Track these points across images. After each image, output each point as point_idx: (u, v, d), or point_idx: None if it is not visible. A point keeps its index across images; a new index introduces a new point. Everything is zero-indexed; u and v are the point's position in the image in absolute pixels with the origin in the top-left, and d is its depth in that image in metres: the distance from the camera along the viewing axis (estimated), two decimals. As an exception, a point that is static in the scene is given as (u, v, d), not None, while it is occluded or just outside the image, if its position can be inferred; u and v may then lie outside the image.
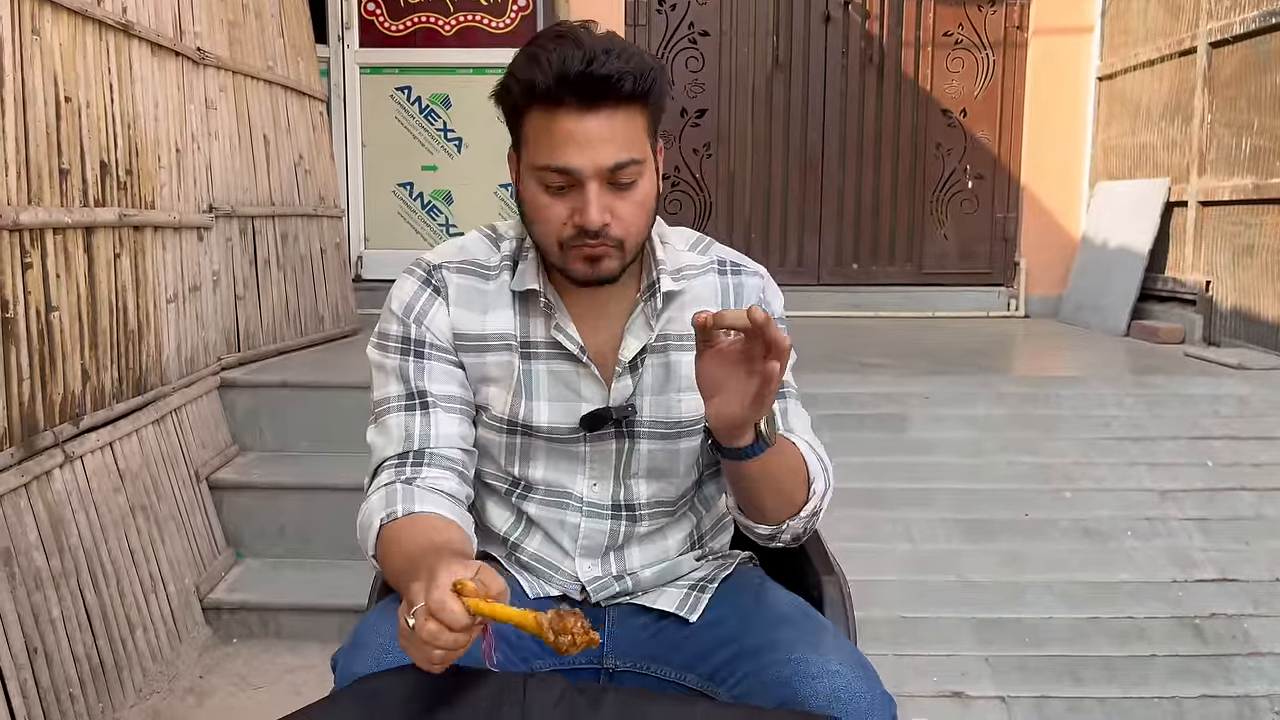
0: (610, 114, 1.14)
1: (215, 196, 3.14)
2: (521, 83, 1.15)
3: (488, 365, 1.28)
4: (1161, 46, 4.41)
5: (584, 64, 1.11)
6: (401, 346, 1.27)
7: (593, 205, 1.15)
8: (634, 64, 1.13)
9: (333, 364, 3.45)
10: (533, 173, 1.18)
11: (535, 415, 1.28)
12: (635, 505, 1.33)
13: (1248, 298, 3.80)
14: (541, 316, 1.28)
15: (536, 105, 1.15)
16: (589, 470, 1.31)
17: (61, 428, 2.23)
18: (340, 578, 2.72)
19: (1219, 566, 2.62)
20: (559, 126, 1.14)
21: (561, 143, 1.14)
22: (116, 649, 2.27)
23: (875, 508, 2.76)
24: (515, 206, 1.26)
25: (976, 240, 5.13)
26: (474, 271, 1.29)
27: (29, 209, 2.11)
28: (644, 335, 1.28)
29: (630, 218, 1.19)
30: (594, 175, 1.15)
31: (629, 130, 1.15)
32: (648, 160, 1.19)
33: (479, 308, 1.28)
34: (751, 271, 1.36)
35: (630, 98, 1.14)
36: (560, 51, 1.12)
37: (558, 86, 1.12)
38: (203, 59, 3.05)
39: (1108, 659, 2.39)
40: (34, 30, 2.15)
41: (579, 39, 1.12)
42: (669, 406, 1.29)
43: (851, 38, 5.00)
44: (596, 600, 1.32)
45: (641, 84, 1.14)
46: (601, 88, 1.12)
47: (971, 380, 3.31)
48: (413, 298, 1.28)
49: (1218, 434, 3.03)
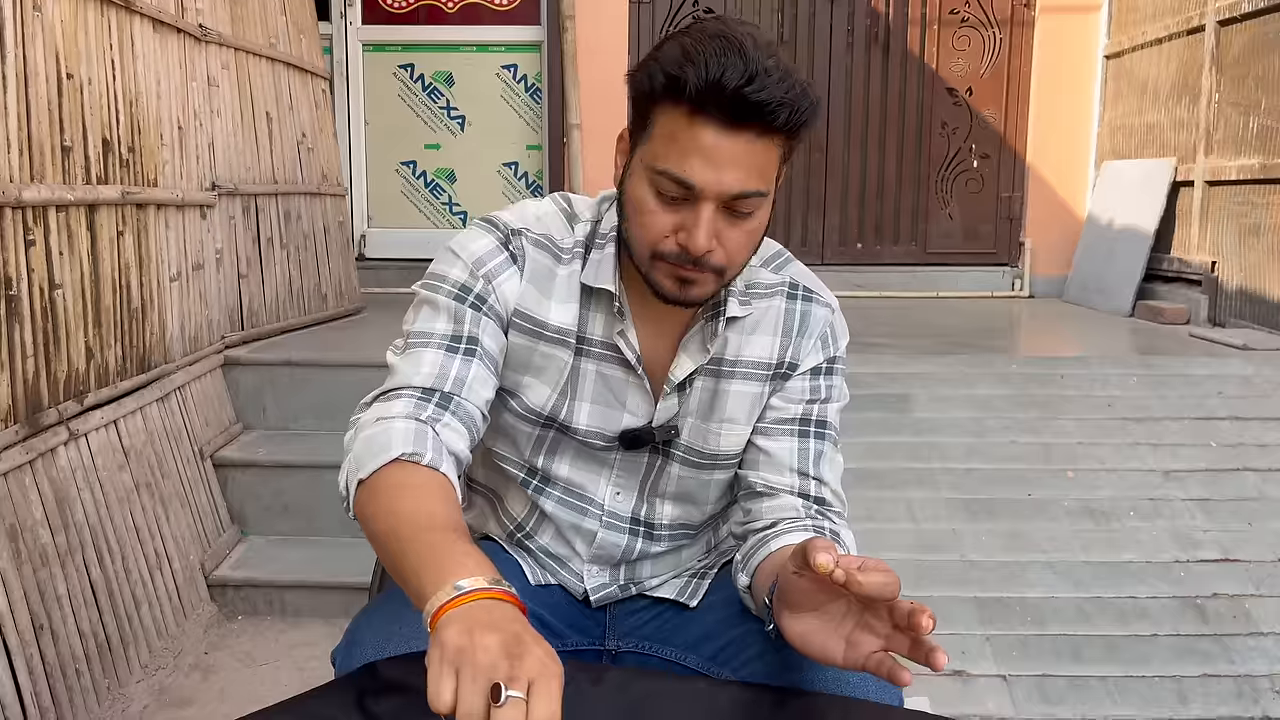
0: (751, 140, 1.03)
1: (218, 174, 3.13)
2: (668, 77, 1.03)
3: (536, 353, 1.20)
4: (1169, 25, 4.38)
5: (743, 81, 0.99)
6: (459, 293, 1.15)
7: (702, 229, 1.05)
8: (793, 94, 1.01)
9: (336, 342, 3.46)
10: (648, 171, 1.07)
11: (575, 416, 1.21)
12: (656, 524, 1.29)
13: (1253, 278, 3.79)
14: (604, 314, 1.19)
15: (675, 104, 1.04)
16: (615, 478, 1.26)
17: (66, 405, 2.23)
18: (344, 555, 2.73)
19: (1222, 547, 2.62)
20: (693, 137, 1.03)
21: (690, 154, 1.03)
22: (122, 625, 2.28)
23: (877, 487, 2.77)
24: (519, 186, 1.22)
25: (982, 220, 5.11)
26: (548, 248, 1.19)
27: (31, 186, 2.10)
28: (699, 356, 1.20)
29: (736, 248, 1.09)
30: (714, 198, 1.05)
31: (764, 160, 1.05)
32: (769, 194, 1.09)
33: (546, 291, 1.18)
34: (823, 302, 1.26)
35: (778, 129, 1.04)
36: (721, 60, 1.00)
37: (708, 95, 1.01)
38: (205, 35, 3.04)
39: (1109, 638, 2.40)
40: (35, 6, 2.14)
41: (744, 49, 1.00)
42: (706, 436, 1.23)
43: (856, 15, 4.97)
44: (597, 604, 1.31)
45: (796, 118, 1.03)
46: (753, 112, 1.01)
47: (975, 360, 3.30)
48: (487, 254, 1.17)
49: (1222, 414, 3.02)
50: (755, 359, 1.22)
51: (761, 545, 1.17)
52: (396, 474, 0.99)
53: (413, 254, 4.90)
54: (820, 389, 1.25)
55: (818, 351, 1.24)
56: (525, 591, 1.27)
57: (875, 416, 3.01)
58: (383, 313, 4.14)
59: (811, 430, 1.24)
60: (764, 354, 1.23)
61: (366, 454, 1.02)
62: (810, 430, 1.24)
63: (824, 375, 1.25)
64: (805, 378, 1.24)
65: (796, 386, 1.24)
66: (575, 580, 1.31)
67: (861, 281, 5.01)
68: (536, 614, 1.23)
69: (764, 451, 1.24)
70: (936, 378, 3.17)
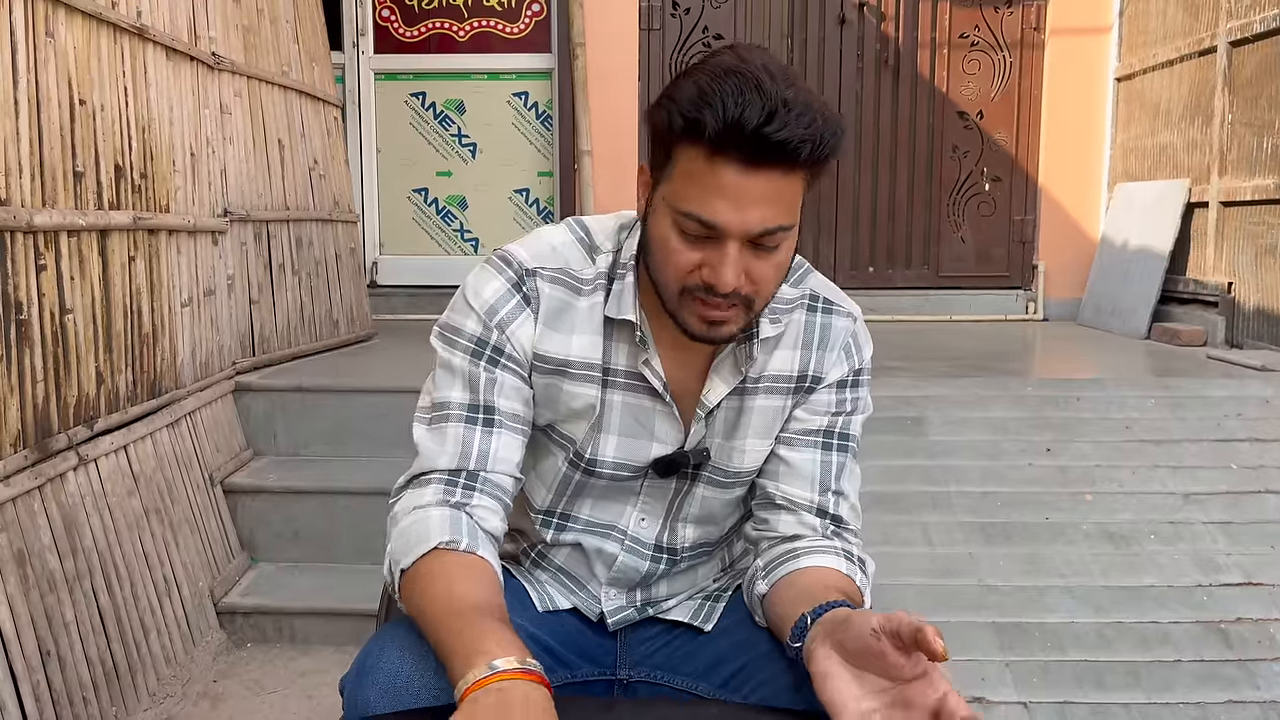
0: (775, 178, 1.01)
1: (230, 200, 3.14)
2: (685, 120, 1.00)
3: (565, 392, 1.18)
4: (1181, 46, 4.37)
5: (763, 120, 0.97)
6: (475, 349, 1.15)
7: (729, 268, 1.03)
8: (815, 128, 0.99)
9: (347, 369, 3.45)
10: (671, 211, 1.05)
11: (602, 450, 1.20)
12: (678, 549, 1.28)
13: (1271, 299, 3.76)
14: (628, 344, 1.17)
15: (694, 144, 1.01)
16: (641, 505, 1.25)
17: (75, 430, 2.23)
18: (355, 582, 2.71)
19: (1244, 570, 2.57)
20: (714, 178, 1.01)
21: (712, 194, 1.01)
22: (130, 653, 2.26)
23: (893, 511, 2.73)
24: (530, 213, 1.22)
25: (994, 243, 5.10)
26: (566, 283, 1.16)
27: (43, 211, 2.11)
28: (732, 379, 1.19)
29: (764, 280, 1.07)
30: (739, 236, 1.03)
31: (789, 195, 1.03)
32: (797, 225, 1.07)
33: (566, 327, 1.16)
34: (844, 312, 1.24)
35: (802, 165, 1.01)
36: (739, 99, 0.97)
37: (726, 137, 0.98)
38: (217, 64, 3.06)
39: (1132, 664, 2.35)
40: (48, 33, 2.15)
41: (760, 85, 0.97)
42: (730, 455, 1.22)
43: (867, 40, 4.98)
44: (613, 627, 1.29)
45: (819, 153, 1.00)
46: (775, 151, 0.98)
47: (990, 383, 3.27)
48: (498, 300, 1.15)
49: (1241, 436, 2.98)
50: (778, 373, 1.22)
51: (790, 559, 1.16)
52: (433, 563, 1.04)
53: (424, 281, 4.92)
54: (846, 402, 1.24)
55: (841, 364, 1.23)
56: (534, 618, 1.25)
57: (890, 440, 2.98)
58: (394, 339, 4.14)
59: (835, 443, 1.24)
60: (786, 368, 1.22)
61: (405, 545, 1.07)
62: (834, 443, 1.24)
63: (850, 388, 1.24)
64: (831, 390, 1.23)
65: (822, 400, 1.23)
66: (592, 602, 1.29)
67: (874, 305, 4.98)
68: (544, 644, 1.22)
69: (785, 462, 1.23)
70: (951, 400, 3.15)
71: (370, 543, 2.80)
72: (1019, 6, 4.95)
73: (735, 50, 1.03)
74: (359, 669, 1.07)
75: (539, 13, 5.04)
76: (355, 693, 1.04)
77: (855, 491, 1.25)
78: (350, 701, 1.05)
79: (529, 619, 1.23)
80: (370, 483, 2.80)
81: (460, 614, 0.97)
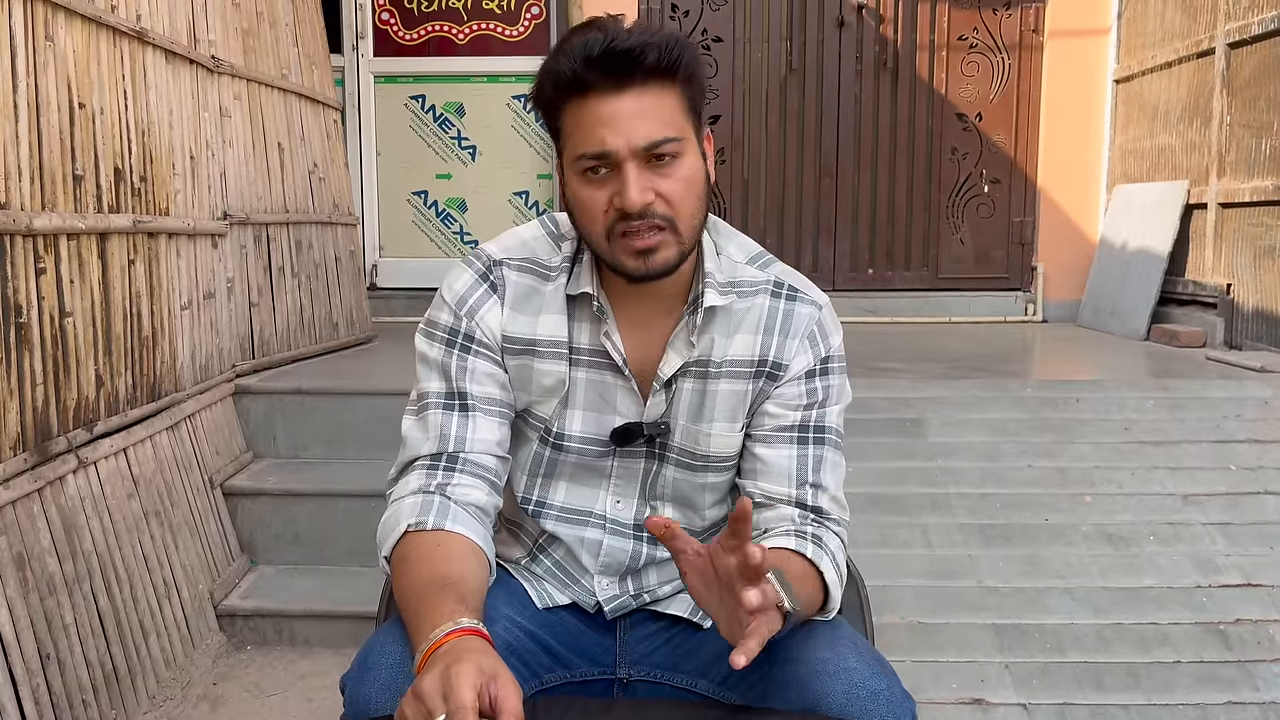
0: (640, 91, 1.10)
1: (229, 203, 3.14)
2: (550, 75, 1.12)
3: (536, 370, 1.24)
4: (1179, 48, 4.38)
5: (606, 43, 1.08)
6: (448, 338, 1.23)
7: (631, 185, 1.10)
8: (657, 38, 1.10)
9: (347, 371, 3.45)
10: (573, 167, 1.14)
11: (569, 425, 1.25)
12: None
13: (1270, 300, 3.76)
14: (589, 321, 1.23)
15: (568, 97, 1.12)
16: (613, 486, 1.29)
17: (75, 433, 2.23)
18: (354, 584, 2.71)
19: (1243, 571, 2.58)
20: (589, 111, 1.10)
21: (593, 126, 1.10)
22: (130, 655, 2.26)
23: (892, 513, 2.73)
24: (530, 215, 1.24)
25: (993, 244, 5.10)
26: (533, 271, 1.24)
27: (43, 214, 2.11)
28: (685, 352, 1.23)
29: (676, 195, 1.13)
30: (630, 155, 1.10)
31: (661, 107, 1.11)
32: (688, 139, 1.13)
33: (532, 309, 1.23)
34: (809, 300, 1.26)
35: (658, 72, 1.10)
36: (582, 37, 1.10)
37: (584, 70, 1.09)
38: (217, 67, 3.06)
39: (1131, 665, 2.35)
40: (47, 36, 2.16)
41: (602, 24, 1.11)
42: (697, 439, 1.25)
43: (865, 42, 4.98)
44: (611, 616, 1.30)
45: (667, 56, 1.10)
46: (625, 62, 1.09)
47: (989, 384, 3.27)
48: (467, 290, 1.24)
49: (1240, 437, 2.98)
50: (738, 357, 1.24)
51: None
52: (404, 548, 1.13)
53: (424, 283, 4.91)
54: (817, 391, 1.25)
55: (806, 352, 1.24)
56: (533, 617, 1.26)
57: (889, 441, 2.98)
58: (393, 342, 4.14)
59: (810, 436, 1.24)
60: (746, 351, 1.24)
61: (384, 536, 1.17)
62: (809, 436, 1.24)
63: (819, 377, 1.25)
64: (800, 382, 1.24)
65: (791, 392, 1.24)
66: (587, 594, 1.30)
67: (873, 307, 4.99)
68: (544, 643, 1.23)
69: (761, 460, 1.24)
70: (950, 402, 3.15)
71: (369, 545, 2.76)
72: (1017, 8, 4.96)
73: (590, 19, 1.14)
74: (359, 667, 1.08)
75: (538, 15, 5.05)
76: (356, 690, 1.06)
77: (838, 484, 1.26)
78: (351, 699, 1.06)
79: (528, 618, 1.25)
80: (370, 485, 2.80)
81: (417, 594, 1.05)
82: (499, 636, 1.13)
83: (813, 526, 1.20)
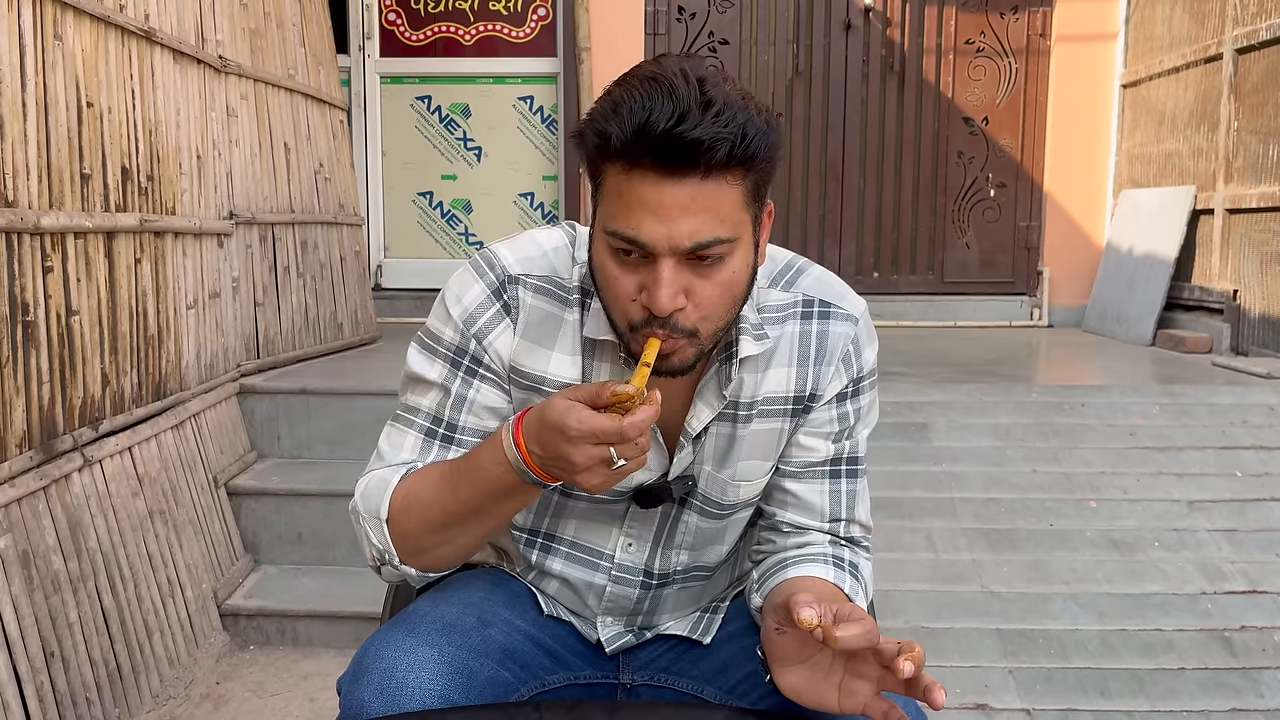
0: (697, 185, 0.93)
1: (236, 203, 3.15)
2: (598, 134, 0.95)
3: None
4: (1186, 54, 4.37)
5: (672, 122, 0.90)
6: (453, 358, 1.12)
7: (663, 289, 0.95)
8: (733, 126, 0.91)
9: (352, 371, 3.45)
10: (602, 235, 0.99)
11: None
12: (670, 574, 1.23)
13: (1276, 306, 3.75)
14: (609, 363, 1.11)
15: (612, 160, 0.96)
16: (626, 530, 1.20)
17: (81, 431, 2.23)
18: (358, 585, 2.71)
19: (1249, 578, 2.57)
20: (633, 191, 0.94)
21: (635, 209, 0.94)
22: (134, 654, 2.26)
23: (896, 517, 2.73)
24: (535, 216, 1.18)
25: (999, 249, 5.09)
26: (552, 292, 1.12)
27: (50, 213, 2.11)
28: (716, 404, 1.11)
29: (709, 303, 0.98)
30: (669, 253, 0.95)
31: (720, 203, 0.94)
32: (742, 238, 0.98)
33: (548, 340, 1.11)
34: (843, 315, 1.14)
35: (727, 166, 0.93)
36: (646, 103, 0.91)
37: (636, 145, 0.92)
38: (224, 67, 3.07)
39: (1135, 672, 2.34)
40: (56, 35, 2.16)
41: (673, 88, 0.91)
42: (725, 489, 1.16)
43: (872, 45, 4.98)
44: (612, 653, 1.26)
45: (741, 150, 0.92)
46: (689, 153, 0.91)
47: (994, 389, 3.27)
48: (477, 309, 1.11)
49: (1246, 444, 2.98)
50: (773, 394, 1.14)
51: (780, 569, 1.14)
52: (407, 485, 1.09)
53: (428, 284, 4.92)
54: (849, 416, 1.18)
55: (841, 375, 1.16)
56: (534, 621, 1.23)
57: (894, 446, 2.97)
58: (398, 342, 4.13)
59: (844, 470, 1.19)
60: (781, 388, 1.14)
61: (376, 496, 1.10)
62: (842, 470, 1.19)
63: (850, 400, 1.17)
64: (831, 406, 1.16)
65: (822, 417, 1.17)
66: (588, 629, 1.26)
67: (878, 311, 4.98)
68: (547, 647, 1.20)
69: (793, 495, 1.18)
70: (956, 406, 3.14)
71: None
72: (1025, 12, 4.95)
73: (657, 59, 0.97)
74: (355, 670, 1.06)
75: (544, 17, 5.05)
76: (351, 693, 1.04)
77: (867, 511, 1.21)
78: (346, 702, 1.05)
79: (530, 621, 1.21)
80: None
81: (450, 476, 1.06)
82: (496, 640, 1.12)
83: (848, 552, 1.17)
